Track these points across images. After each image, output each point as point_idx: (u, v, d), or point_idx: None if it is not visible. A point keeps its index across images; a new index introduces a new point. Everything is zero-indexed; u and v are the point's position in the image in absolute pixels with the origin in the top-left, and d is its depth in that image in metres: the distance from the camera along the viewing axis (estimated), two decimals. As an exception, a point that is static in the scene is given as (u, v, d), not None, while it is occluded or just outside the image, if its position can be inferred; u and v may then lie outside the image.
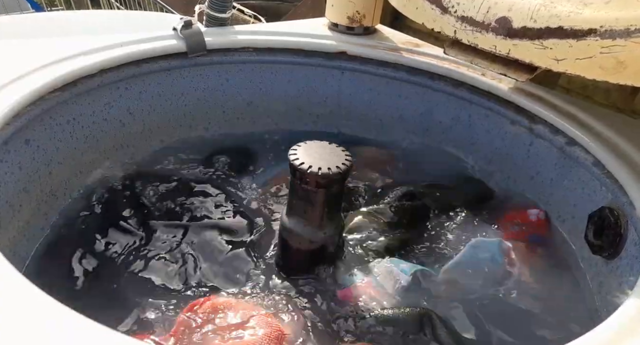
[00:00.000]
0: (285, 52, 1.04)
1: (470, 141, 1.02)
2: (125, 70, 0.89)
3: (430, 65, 1.00)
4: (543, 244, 0.86)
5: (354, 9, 1.06)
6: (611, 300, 0.71)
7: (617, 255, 0.71)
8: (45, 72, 0.77)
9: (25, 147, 0.74)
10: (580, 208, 0.81)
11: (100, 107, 0.88)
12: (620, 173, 0.72)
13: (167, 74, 0.97)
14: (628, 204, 0.69)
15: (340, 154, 0.69)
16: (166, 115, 1.00)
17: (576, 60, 0.63)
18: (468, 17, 0.72)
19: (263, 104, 1.10)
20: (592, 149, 0.78)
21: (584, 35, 0.61)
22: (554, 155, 0.86)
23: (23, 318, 0.41)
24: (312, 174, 0.65)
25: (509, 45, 0.69)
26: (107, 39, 0.89)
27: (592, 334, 0.47)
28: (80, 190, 0.87)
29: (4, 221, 0.69)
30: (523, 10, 0.67)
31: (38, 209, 0.78)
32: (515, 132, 0.93)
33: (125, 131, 0.94)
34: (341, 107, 1.12)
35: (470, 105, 0.99)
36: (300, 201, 0.70)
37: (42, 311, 0.42)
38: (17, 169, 0.72)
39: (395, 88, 1.06)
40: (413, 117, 1.08)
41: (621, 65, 0.60)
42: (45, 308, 0.42)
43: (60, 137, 0.81)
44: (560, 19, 0.63)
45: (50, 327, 0.40)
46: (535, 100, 0.89)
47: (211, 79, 1.03)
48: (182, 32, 0.94)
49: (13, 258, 0.70)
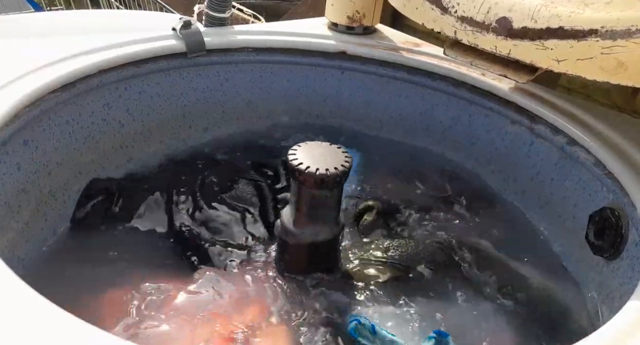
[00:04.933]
0: (284, 52, 1.04)
1: (471, 141, 1.02)
2: (124, 71, 0.88)
3: (430, 65, 1.00)
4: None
5: (354, 8, 1.06)
6: (612, 301, 0.71)
7: (618, 255, 0.71)
8: (44, 73, 0.76)
9: (24, 147, 0.74)
10: (581, 208, 0.81)
11: (99, 108, 0.88)
12: (621, 173, 0.71)
13: (167, 74, 0.96)
14: (629, 204, 0.68)
15: (339, 154, 0.68)
16: (165, 115, 1.00)
17: (577, 60, 0.63)
18: (468, 17, 0.72)
19: (263, 104, 1.10)
20: (593, 149, 0.78)
21: (584, 35, 0.61)
22: (555, 155, 0.86)
23: (20, 322, 0.41)
24: (311, 175, 0.64)
25: (510, 45, 0.69)
26: (107, 39, 0.88)
27: (594, 336, 0.47)
28: (79, 191, 0.87)
29: (2, 222, 0.69)
30: (523, 10, 0.67)
31: (37, 210, 0.78)
32: (515, 132, 0.93)
33: (125, 131, 0.94)
34: (341, 106, 1.12)
35: (471, 105, 0.99)
36: (300, 202, 0.70)
37: (41, 315, 0.42)
38: (15, 170, 0.72)
39: (395, 88, 1.06)
40: (413, 116, 1.08)
41: (622, 66, 0.60)
42: (44, 312, 0.42)
43: (59, 138, 0.81)
44: (561, 20, 0.63)
45: (48, 332, 0.40)
46: (535, 100, 0.89)
47: (210, 79, 1.03)
48: (182, 32, 0.94)
49: (12, 260, 0.70)
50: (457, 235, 0.87)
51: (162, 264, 0.78)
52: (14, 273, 0.46)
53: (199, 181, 0.94)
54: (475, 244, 0.85)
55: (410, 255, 0.80)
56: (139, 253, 0.79)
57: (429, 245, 0.83)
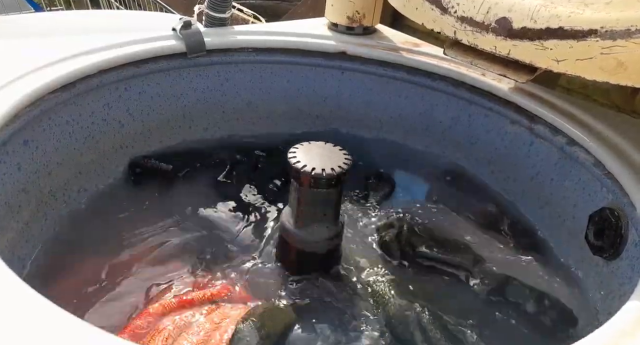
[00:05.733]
0: (284, 52, 1.04)
1: (471, 141, 1.02)
2: (124, 71, 0.88)
3: (430, 65, 1.00)
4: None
5: (354, 8, 1.06)
6: (612, 301, 0.71)
7: (617, 256, 0.71)
8: (44, 73, 0.76)
9: (24, 147, 0.74)
10: (580, 208, 0.81)
11: (99, 108, 0.88)
12: (621, 173, 0.71)
13: (167, 74, 0.96)
14: (629, 204, 0.68)
15: (339, 154, 0.69)
16: (165, 115, 1.00)
17: (576, 61, 0.63)
18: (468, 17, 0.72)
19: (263, 104, 1.10)
20: (592, 149, 0.78)
21: (584, 36, 0.61)
22: (554, 155, 0.86)
23: (21, 323, 0.41)
24: (307, 174, 0.65)
25: (509, 45, 0.69)
26: (107, 39, 0.88)
27: (593, 336, 0.47)
28: (79, 191, 0.87)
29: (2, 222, 0.69)
30: (523, 10, 0.67)
31: (37, 210, 0.78)
32: (515, 132, 0.93)
33: (125, 131, 0.94)
34: (341, 107, 1.12)
35: (470, 105, 0.99)
36: (300, 202, 0.70)
37: (42, 316, 0.42)
38: (15, 170, 0.72)
39: (395, 88, 1.06)
40: (413, 117, 1.08)
41: (622, 66, 0.60)
42: (45, 312, 0.42)
43: (59, 138, 0.81)
44: (561, 20, 0.63)
45: (48, 332, 0.40)
46: (535, 100, 0.89)
47: (210, 79, 1.03)
48: (182, 32, 0.94)
49: (12, 260, 0.70)
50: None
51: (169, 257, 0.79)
52: (14, 273, 0.46)
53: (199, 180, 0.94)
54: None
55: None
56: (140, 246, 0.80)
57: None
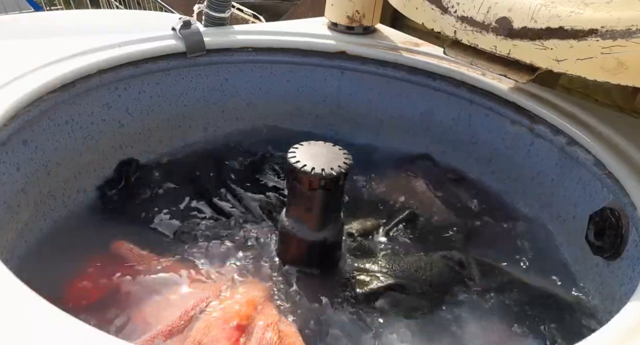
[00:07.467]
0: (284, 52, 1.04)
1: (471, 141, 1.02)
2: (123, 71, 0.88)
3: (430, 64, 1.00)
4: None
5: (354, 8, 1.06)
6: (612, 302, 0.71)
7: (618, 256, 0.70)
8: (44, 73, 0.76)
9: (23, 148, 0.74)
10: (581, 208, 0.81)
11: (98, 108, 0.88)
12: (622, 173, 0.71)
13: (166, 74, 0.96)
14: (629, 204, 0.68)
15: (339, 154, 0.68)
16: (165, 115, 1.00)
17: (577, 60, 0.63)
18: (468, 17, 0.72)
19: (262, 104, 1.10)
20: (593, 149, 0.78)
21: (584, 35, 0.61)
22: (555, 155, 0.86)
23: (19, 324, 0.41)
24: (311, 175, 0.64)
25: (509, 45, 0.69)
26: (106, 39, 0.88)
27: (594, 337, 0.47)
28: (79, 191, 0.87)
29: (1, 222, 0.69)
30: (523, 10, 0.67)
31: (36, 211, 0.78)
32: (515, 132, 0.93)
33: (124, 131, 0.94)
34: (341, 106, 1.12)
35: (471, 105, 0.99)
36: (300, 202, 0.70)
37: (40, 317, 0.41)
38: (14, 170, 0.72)
39: (395, 88, 1.06)
40: (413, 116, 1.08)
41: (622, 65, 0.60)
42: (43, 314, 0.42)
43: (58, 138, 0.81)
44: (561, 19, 0.63)
45: (47, 333, 0.40)
46: (535, 100, 0.88)
47: (210, 79, 1.03)
48: (181, 32, 0.93)
49: (11, 261, 0.70)
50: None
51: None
52: (13, 274, 0.46)
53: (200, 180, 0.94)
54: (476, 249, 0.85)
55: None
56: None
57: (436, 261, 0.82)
